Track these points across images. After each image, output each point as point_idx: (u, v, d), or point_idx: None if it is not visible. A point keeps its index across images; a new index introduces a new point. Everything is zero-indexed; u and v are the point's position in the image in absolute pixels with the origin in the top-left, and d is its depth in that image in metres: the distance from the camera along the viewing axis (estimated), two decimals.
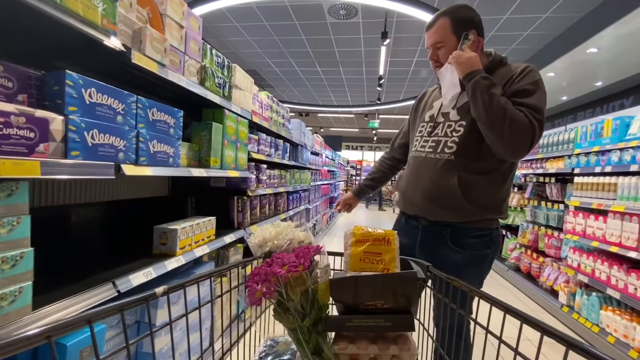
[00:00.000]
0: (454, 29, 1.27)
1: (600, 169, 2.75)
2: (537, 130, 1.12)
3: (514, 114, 1.11)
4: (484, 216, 1.28)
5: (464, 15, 1.27)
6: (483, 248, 1.30)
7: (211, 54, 1.90)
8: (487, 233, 1.29)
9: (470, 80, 1.18)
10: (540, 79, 1.20)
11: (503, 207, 1.31)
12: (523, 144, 1.13)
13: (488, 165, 1.25)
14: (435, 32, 1.31)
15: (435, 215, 1.31)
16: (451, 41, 1.28)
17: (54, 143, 0.96)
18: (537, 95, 1.16)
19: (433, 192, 1.30)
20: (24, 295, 0.90)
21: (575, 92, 7.04)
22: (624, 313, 2.43)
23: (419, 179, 1.35)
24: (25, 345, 0.33)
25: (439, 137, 1.33)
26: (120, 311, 0.45)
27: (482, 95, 1.14)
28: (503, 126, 1.11)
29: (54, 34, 1.10)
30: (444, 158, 1.28)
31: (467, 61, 1.19)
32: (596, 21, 4.67)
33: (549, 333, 0.47)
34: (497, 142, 1.16)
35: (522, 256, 4.10)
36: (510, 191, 1.34)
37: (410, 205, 1.41)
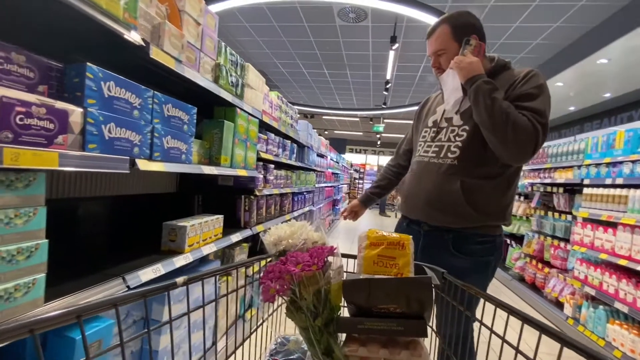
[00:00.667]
0: (454, 35, 1.27)
1: (611, 181, 2.73)
2: (540, 134, 1.11)
3: (516, 118, 1.10)
4: (486, 222, 1.26)
5: (464, 21, 1.28)
6: (486, 255, 1.28)
7: (226, 52, 1.90)
8: (491, 240, 1.28)
9: (472, 84, 1.18)
10: (544, 83, 1.19)
11: (507, 214, 1.29)
12: (526, 148, 1.12)
13: (492, 170, 1.24)
14: (437, 40, 1.31)
15: (438, 220, 1.30)
16: (452, 47, 1.28)
17: (73, 135, 0.96)
18: (540, 99, 1.15)
19: (435, 197, 1.28)
20: (37, 287, 0.89)
21: (583, 103, 7.02)
22: (631, 327, 2.40)
23: (422, 183, 1.34)
24: (55, 323, 0.33)
25: (442, 142, 1.32)
26: (144, 297, 0.45)
27: (484, 100, 1.13)
28: (506, 130, 1.10)
29: (75, 25, 1.10)
30: (447, 163, 1.27)
31: (469, 66, 1.19)
32: (607, 32, 4.66)
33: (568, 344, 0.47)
34: (500, 146, 1.15)
35: (527, 266, 4.06)
36: (514, 198, 1.32)
37: (413, 210, 1.40)
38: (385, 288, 0.67)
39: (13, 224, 0.83)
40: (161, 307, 1.46)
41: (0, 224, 0.80)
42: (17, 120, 0.82)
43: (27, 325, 0.29)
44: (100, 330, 1.05)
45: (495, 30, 5.37)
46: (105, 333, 1.06)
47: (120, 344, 0.40)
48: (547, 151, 3.90)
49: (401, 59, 6.87)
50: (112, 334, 1.11)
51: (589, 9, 4.56)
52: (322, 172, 5.96)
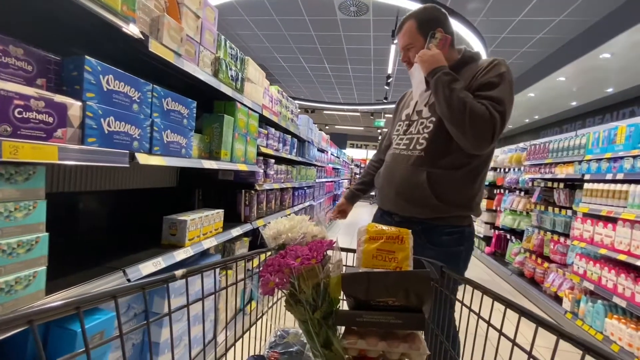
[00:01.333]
0: (420, 29, 1.31)
1: (612, 176, 2.72)
2: (497, 121, 1.13)
3: (474, 106, 1.13)
4: (453, 213, 1.28)
5: (429, 16, 1.32)
6: (455, 245, 1.31)
7: (225, 45, 1.89)
8: (459, 230, 1.30)
9: (433, 76, 1.22)
10: (505, 71, 1.20)
11: (473, 204, 1.31)
12: (484, 135, 1.14)
13: (457, 160, 1.25)
14: (404, 35, 1.35)
15: (407, 211, 1.33)
16: (419, 41, 1.32)
17: (72, 129, 0.96)
18: (500, 87, 1.17)
19: (404, 188, 1.31)
20: (37, 280, 0.90)
21: (585, 98, 6.97)
22: (629, 322, 2.41)
23: (393, 175, 1.38)
24: (55, 314, 0.33)
25: (412, 134, 1.35)
26: (143, 289, 0.45)
27: (443, 91, 1.17)
28: (464, 119, 1.13)
29: (73, 18, 1.10)
30: (415, 154, 1.30)
31: (431, 59, 1.23)
32: (610, 26, 4.61)
33: (565, 337, 0.47)
34: (459, 135, 1.17)
35: (527, 261, 4.08)
36: (482, 188, 1.34)
37: (385, 201, 1.43)
38: (384, 281, 0.68)
39: (13, 217, 0.83)
40: (162, 300, 1.47)
41: (0, 217, 0.80)
42: (16, 114, 0.82)
43: (25, 316, 0.29)
44: (101, 323, 1.06)
45: (498, 24, 5.32)
46: (107, 325, 1.07)
47: (119, 335, 0.40)
48: (548, 146, 3.89)
49: None
50: (113, 327, 1.11)
51: (592, 3, 4.51)
52: (323, 167, 5.96)
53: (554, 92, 6.77)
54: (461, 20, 4.73)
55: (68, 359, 0.33)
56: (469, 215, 1.33)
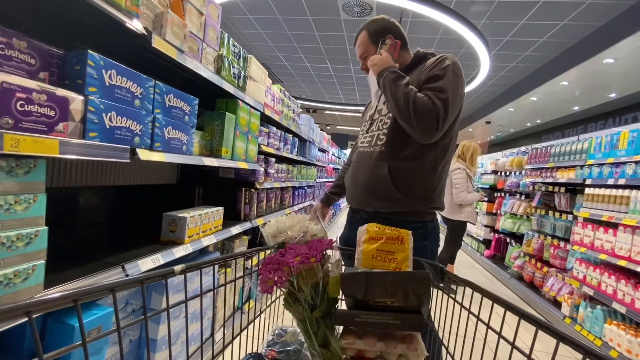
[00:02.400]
0: (371, 39, 1.42)
1: (613, 181, 2.71)
2: (440, 108, 1.17)
3: (416, 98, 1.19)
4: (415, 206, 1.31)
5: (378, 26, 1.42)
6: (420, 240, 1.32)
7: (228, 43, 1.89)
8: (422, 225, 1.33)
9: (381, 77, 1.30)
10: (450, 64, 1.26)
11: (434, 197, 1.34)
12: (429, 124, 1.19)
13: (415, 152, 1.29)
14: (359, 46, 1.47)
15: (372, 206, 1.36)
16: (372, 50, 1.42)
17: (73, 123, 0.96)
18: (445, 79, 1.22)
19: (368, 184, 1.35)
20: (36, 273, 0.90)
21: (587, 103, 6.97)
22: (628, 328, 2.40)
23: (358, 172, 1.42)
24: (52, 306, 0.33)
25: (373, 131, 1.41)
26: (141, 284, 0.45)
27: (389, 87, 1.25)
28: (408, 111, 1.19)
29: (76, 13, 1.09)
30: (377, 150, 1.35)
31: (379, 61, 1.32)
32: (614, 32, 4.61)
33: (565, 340, 0.47)
34: (408, 127, 1.23)
35: (526, 265, 4.07)
36: (442, 180, 1.37)
37: (352, 199, 1.47)
38: (383, 282, 0.67)
39: (13, 210, 0.83)
40: (160, 296, 1.46)
41: (0, 210, 0.80)
42: (18, 107, 0.81)
43: (23, 307, 0.29)
44: (99, 318, 1.06)
45: (501, 28, 5.31)
46: (104, 320, 1.07)
47: (117, 329, 0.40)
48: (549, 150, 3.88)
49: None
50: (111, 322, 1.11)
51: (597, 8, 4.50)
52: (324, 167, 5.96)
53: (556, 97, 6.77)
54: (464, 22, 4.73)
55: (65, 351, 0.33)
56: (432, 211, 1.37)
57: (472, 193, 3.76)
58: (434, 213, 1.39)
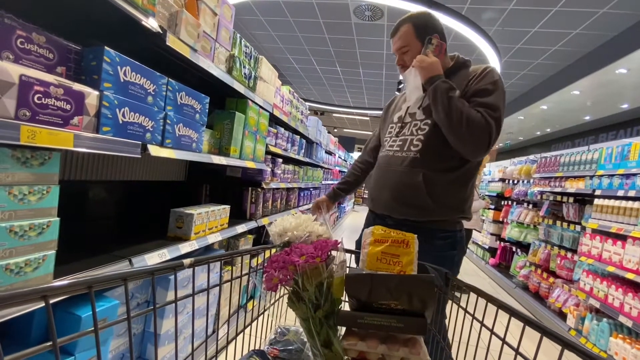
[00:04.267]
0: (417, 34, 1.33)
1: (624, 193, 2.67)
2: (493, 128, 1.16)
3: (470, 114, 1.15)
4: (447, 216, 1.29)
5: (426, 21, 1.34)
6: (449, 249, 1.31)
7: (240, 44, 1.91)
8: (451, 234, 1.31)
9: (431, 84, 1.24)
10: (499, 79, 1.24)
11: (466, 207, 1.33)
12: (481, 142, 1.17)
13: (452, 163, 1.27)
14: (401, 38, 1.36)
15: (401, 213, 1.32)
16: (415, 46, 1.34)
17: (88, 117, 0.98)
18: (495, 94, 1.20)
19: (399, 190, 1.31)
20: (46, 263, 0.91)
21: (599, 113, 6.88)
22: (634, 342, 2.36)
23: (386, 177, 1.38)
24: (67, 291, 0.34)
25: (405, 135, 1.36)
26: (152, 274, 0.46)
27: (441, 99, 1.19)
28: (461, 127, 1.16)
29: (94, 10, 1.12)
30: (410, 156, 1.31)
31: (430, 66, 1.25)
32: (628, 42, 4.55)
33: (570, 347, 0.47)
34: (456, 142, 1.20)
35: (532, 275, 4.02)
36: (472, 192, 1.36)
37: (378, 204, 1.43)
38: (388, 284, 0.67)
39: (27, 200, 0.85)
40: (165, 291, 1.48)
41: (14, 199, 0.82)
42: (35, 99, 0.84)
43: (40, 291, 0.30)
44: (105, 310, 1.08)
45: (514, 35, 5.28)
46: (111, 312, 1.09)
47: (127, 318, 0.41)
48: (559, 159, 3.84)
49: None
50: (116, 314, 1.13)
51: (611, 17, 4.46)
52: (330, 169, 5.96)
53: (567, 106, 6.69)
54: (476, 29, 4.71)
55: (77, 337, 0.34)
56: (460, 221, 1.35)
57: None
58: (462, 223, 1.36)
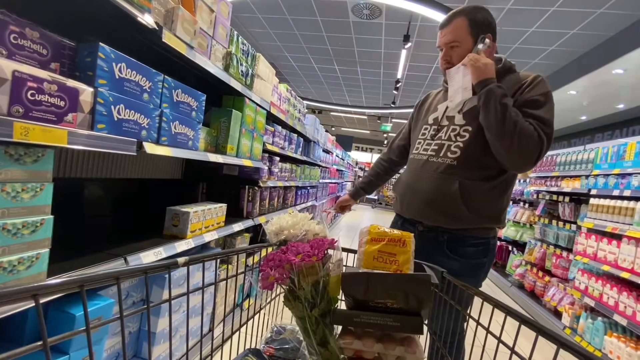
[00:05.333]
0: (471, 29, 1.23)
1: (619, 192, 2.69)
2: (545, 144, 1.12)
3: (523, 126, 1.10)
4: (482, 224, 1.25)
5: (482, 18, 1.24)
6: (480, 257, 1.28)
7: (237, 41, 1.90)
8: (484, 242, 1.27)
9: (484, 87, 1.16)
10: (550, 90, 1.18)
11: (502, 217, 1.29)
12: (530, 156, 1.13)
13: (491, 173, 1.23)
14: (452, 31, 1.25)
15: (434, 220, 1.28)
16: (467, 42, 1.24)
17: (82, 114, 0.97)
18: (547, 107, 1.15)
19: (433, 197, 1.26)
20: (40, 261, 0.91)
21: (595, 113, 6.92)
22: (629, 340, 2.38)
23: (419, 182, 1.32)
24: (59, 290, 0.33)
25: (442, 140, 1.29)
26: (145, 273, 0.45)
27: (495, 105, 1.12)
28: (512, 138, 1.10)
29: (88, 5, 1.11)
30: (447, 162, 1.25)
31: (484, 67, 1.16)
32: (624, 42, 4.57)
33: (565, 347, 0.47)
34: (504, 153, 1.14)
35: (527, 273, 4.04)
36: (509, 201, 1.32)
37: (408, 209, 1.37)
38: (384, 283, 0.67)
39: (20, 197, 0.84)
40: (160, 289, 1.47)
41: (7, 197, 0.81)
42: (29, 96, 0.83)
43: (30, 290, 0.30)
44: (100, 309, 1.07)
45: (511, 34, 5.29)
46: (105, 311, 1.08)
47: (120, 317, 0.40)
48: (555, 159, 3.86)
49: (413, 58, 6.82)
50: (111, 313, 1.12)
51: (608, 18, 4.48)
52: (327, 168, 5.96)
53: (563, 105, 6.72)
54: None
55: (69, 336, 0.33)
56: (495, 227, 1.30)
57: None
58: (495, 229, 1.32)
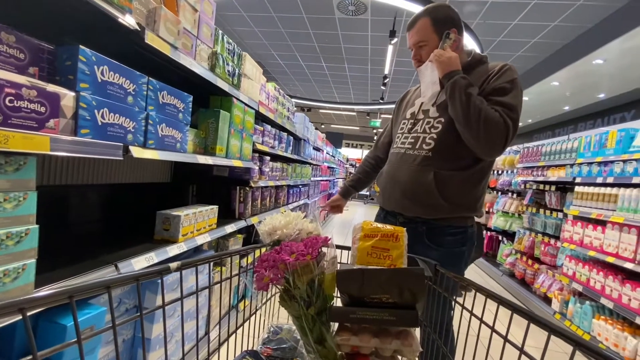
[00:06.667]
0: (434, 28, 1.29)
1: (602, 180, 2.77)
2: (510, 129, 1.15)
3: (488, 113, 1.14)
4: (459, 214, 1.29)
5: (444, 15, 1.30)
6: (458, 245, 1.32)
7: (223, 40, 1.87)
8: (462, 230, 1.31)
9: (449, 79, 1.21)
10: (517, 77, 1.22)
11: (478, 205, 1.32)
12: (497, 142, 1.16)
13: (465, 162, 1.26)
14: (417, 32, 1.32)
15: (412, 211, 1.32)
16: (433, 40, 1.30)
17: (64, 119, 0.94)
18: (512, 93, 1.19)
19: (410, 188, 1.30)
20: (26, 272, 0.88)
21: (577, 103, 7.09)
22: (615, 322, 2.46)
23: (397, 175, 1.36)
24: (47, 302, 0.32)
25: (418, 133, 1.34)
26: (137, 281, 0.44)
27: (459, 95, 1.17)
28: (478, 125, 1.14)
29: (67, 7, 1.07)
30: (422, 154, 1.30)
31: (448, 61, 1.22)
32: (604, 33, 4.69)
33: (556, 333, 0.48)
34: (472, 140, 1.18)
35: (517, 262, 4.13)
36: (485, 190, 1.35)
37: (389, 201, 1.41)
38: (379, 278, 0.68)
39: (2, 208, 0.81)
40: (154, 295, 1.45)
41: None
42: (7, 102, 0.80)
43: (17, 303, 0.29)
44: (92, 317, 1.05)
45: (494, 28, 5.37)
46: (97, 320, 1.06)
47: (112, 326, 0.39)
48: (540, 149, 3.94)
49: (400, 53, 6.85)
50: (104, 321, 1.10)
51: (587, 9, 4.58)
52: (318, 165, 5.96)
53: (547, 97, 6.87)
54: None
55: (60, 349, 0.33)
56: (472, 216, 1.34)
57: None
58: (473, 217, 1.35)
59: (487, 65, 1.30)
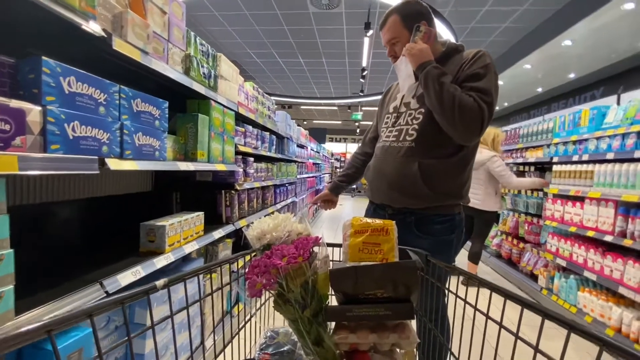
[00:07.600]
0: (404, 23, 1.32)
1: (578, 158, 2.87)
2: (485, 112, 1.17)
3: (462, 99, 1.16)
4: (445, 202, 1.32)
5: (412, 10, 1.33)
6: (447, 233, 1.35)
7: (196, 42, 1.82)
8: (450, 218, 1.34)
9: (422, 70, 1.23)
10: (490, 62, 1.24)
11: (463, 192, 1.35)
12: (473, 126, 1.18)
13: (447, 150, 1.29)
14: (389, 30, 1.36)
15: (399, 202, 1.35)
16: (404, 36, 1.33)
17: (32, 136, 0.89)
18: (486, 78, 1.21)
19: (396, 180, 1.33)
20: (5, 300, 0.83)
21: (549, 84, 7.30)
22: (600, 294, 2.57)
23: (383, 167, 1.38)
24: (24, 340, 0.30)
25: (401, 125, 1.37)
26: (122, 304, 0.42)
27: (433, 85, 1.19)
28: (453, 112, 1.16)
29: (26, 17, 1.01)
30: (406, 146, 1.32)
31: (419, 53, 1.25)
32: (570, 14, 4.83)
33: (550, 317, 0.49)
34: (449, 127, 1.21)
35: (503, 243, 4.25)
36: (470, 176, 1.39)
37: (377, 194, 1.44)
38: (372, 274, 0.68)
39: None
40: (144, 311, 1.41)
41: None
42: None
43: None
44: (80, 339, 1.01)
45: (466, 15, 5.44)
46: (85, 342, 1.02)
47: (99, 355, 0.37)
48: (518, 132, 4.05)
49: (376, 45, 6.86)
50: (92, 343, 1.06)
51: None
52: (303, 162, 5.93)
53: (521, 79, 7.05)
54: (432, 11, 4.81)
55: None
56: (459, 204, 1.36)
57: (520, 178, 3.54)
58: (460, 205, 1.38)
59: (462, 53, 1.33)
